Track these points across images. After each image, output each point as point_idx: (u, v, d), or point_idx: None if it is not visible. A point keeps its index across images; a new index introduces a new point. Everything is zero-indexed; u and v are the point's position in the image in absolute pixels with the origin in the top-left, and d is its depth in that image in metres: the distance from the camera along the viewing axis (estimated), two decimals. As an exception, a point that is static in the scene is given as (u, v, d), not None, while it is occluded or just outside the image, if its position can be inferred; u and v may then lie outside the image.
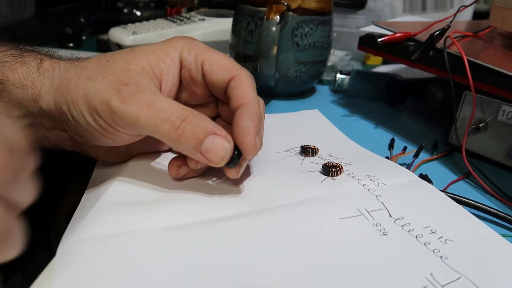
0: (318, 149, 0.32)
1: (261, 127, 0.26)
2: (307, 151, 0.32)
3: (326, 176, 0.28)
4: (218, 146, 0.22)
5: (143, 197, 0.25)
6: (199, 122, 0.22)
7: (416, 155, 0.35)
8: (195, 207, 0.24)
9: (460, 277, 0.20)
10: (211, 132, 0.22)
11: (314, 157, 0.32)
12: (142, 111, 0.22)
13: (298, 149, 0.33)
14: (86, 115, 0.23)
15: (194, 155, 0.23)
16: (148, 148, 0.29)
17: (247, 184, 0.27)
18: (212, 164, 0.23)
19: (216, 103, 0.29)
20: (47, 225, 0.25)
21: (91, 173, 0.28)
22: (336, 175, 0.28)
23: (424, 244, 0.22)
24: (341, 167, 0.29)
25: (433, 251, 0.22)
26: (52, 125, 0.26)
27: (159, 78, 0.26)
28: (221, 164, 0.23)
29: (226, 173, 0.25)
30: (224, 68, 0.26)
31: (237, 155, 0.23)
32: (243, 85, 0.26)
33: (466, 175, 0.33)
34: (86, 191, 0.26)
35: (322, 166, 0.29)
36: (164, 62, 0.26)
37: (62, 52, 0.27)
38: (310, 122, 0.40)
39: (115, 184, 0.25)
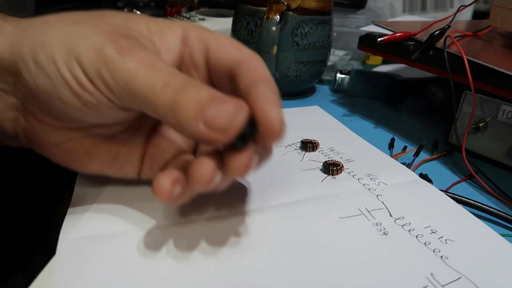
0: (318, 144, 0.33)
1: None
2: (308, 146, 0.32)
3: (326, 175, 0.28)
4: (227, 111, 0.17)
5: (141, 195, 0.25)
6: (204, 87, 0.18)
7: (416, 154, 0.35)
8: (194, 205, 0.24)
9: (460, 277, 0.20)
10: (218, 98, 0.17)
11: (314, 153, 0.32)
12: (141, 69, 0.17)
13: (299, 144, 0.33)
14: (59, 61, 0.18)
15: (195, 128, 0.17)
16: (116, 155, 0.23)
17: (247, 182, 0.27)
18: (217, 137, 0.17)
19: None
20: (47, 225, 0.25)
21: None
22: (337, 174, 0.29)
23: (425, 244, 0.22)
24: (342, 166, 0.29)
25: (434, 251, 0.22)
26: None
27: (158, 51, 0.21)
28: (230, 133, 0.17)
29: (231, 166, 0.18)
30: (232, 46, 0.22)
31: (250, 131, 0.18)
32: (256, 63, 0.21)
33: (469, 177, 0.33)
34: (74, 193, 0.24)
35: (323, 164, 0.29)
36: (165, 35, 0.22)
37: None
38: (310, 116, 0.41)
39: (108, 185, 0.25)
